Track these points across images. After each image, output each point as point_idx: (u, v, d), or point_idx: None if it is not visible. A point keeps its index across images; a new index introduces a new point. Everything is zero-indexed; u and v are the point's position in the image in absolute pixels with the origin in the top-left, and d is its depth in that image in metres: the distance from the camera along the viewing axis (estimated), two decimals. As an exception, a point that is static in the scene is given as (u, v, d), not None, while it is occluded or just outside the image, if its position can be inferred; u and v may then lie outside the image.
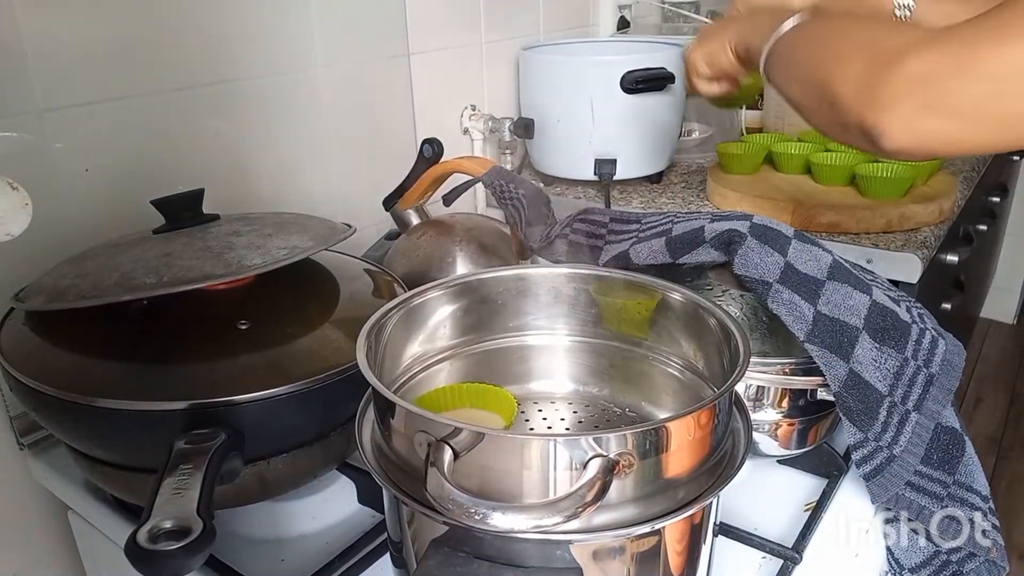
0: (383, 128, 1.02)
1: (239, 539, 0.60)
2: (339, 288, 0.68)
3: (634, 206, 1.11)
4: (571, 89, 1.11)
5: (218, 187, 0.73)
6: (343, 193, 0.97)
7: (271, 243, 0.59)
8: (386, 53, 1.00)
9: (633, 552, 0.40)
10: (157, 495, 0.42)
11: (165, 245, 0.58)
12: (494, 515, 0.35)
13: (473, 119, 1.16)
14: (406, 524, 0.43)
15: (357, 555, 0.56)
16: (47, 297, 0.56)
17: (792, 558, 0.54)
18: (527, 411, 0.56)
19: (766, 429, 0.59)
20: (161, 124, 0.76)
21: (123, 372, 0.56)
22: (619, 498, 0.38)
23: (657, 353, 0.55)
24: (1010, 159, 1.91)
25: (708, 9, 1.53)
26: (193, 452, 0.46)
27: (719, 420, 0.42)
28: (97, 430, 0.52)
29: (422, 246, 0.79)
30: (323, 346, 0.58)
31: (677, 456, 0.39)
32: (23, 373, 0.52)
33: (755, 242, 0.56)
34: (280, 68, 0.86)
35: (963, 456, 0.55)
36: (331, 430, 0.56)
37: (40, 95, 0.67)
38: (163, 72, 0.75)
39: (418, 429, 0.39)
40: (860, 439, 0.54)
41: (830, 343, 0.53)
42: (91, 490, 0.64)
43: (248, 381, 0.51)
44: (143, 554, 0.38)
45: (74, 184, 0.70)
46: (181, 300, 0.53)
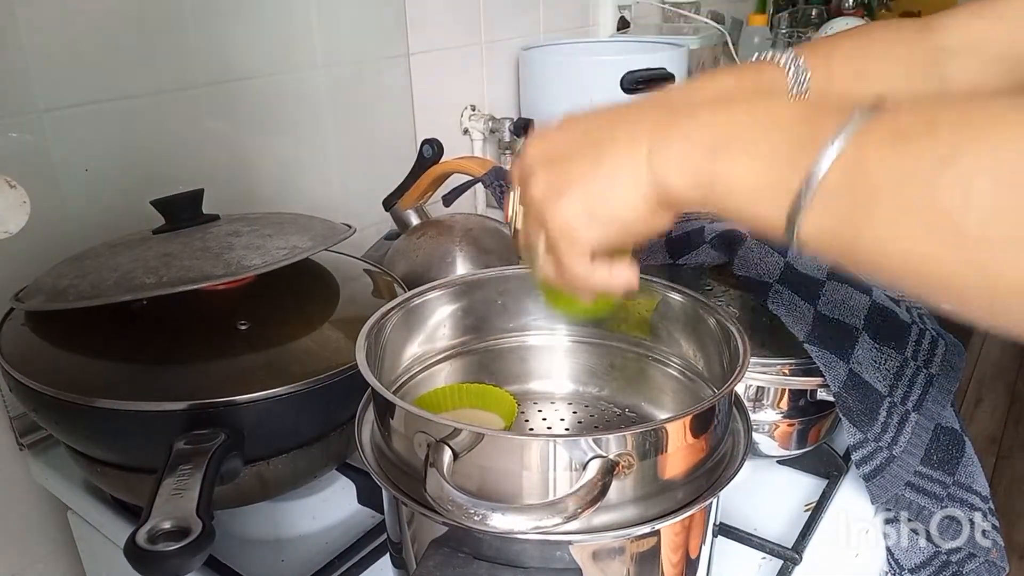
0: (383, 128, 1.02)
1: (239, 539, 0.60)
2: (339, 288, 0.68)
3: (634, 206, 1.11)
4: (571, 89, 1.11)
5: (218, 187, 0.73)
6: (343, 193, 0.97)
7: (271, 243, 0.59)
8: (386, 53, 1.00)
9: (633, 553, 0.40)
10: (156, 495, 0.42)
11: (165, 245, 0.58)
12: (494, 516, 0.35)
13: (473, 119, 1.15)
14: (406, 525, 0.43)
15: (357, 555, 0.56)
16: (47, 297, 0.56)
17: (792, 558, 0.54)
18: (527, 411, 0.56)
19: (766, 429, 0.59)
20: (161, 124, 0.76)
21: (123, 372, 0.56)
22: (619, 499, 0.38)
23: (657, 353, 0.55)
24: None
25: (708, 9, 1.53)
26: (193, 452, 0.46)
27: (719, 421, 0.42)
28: (97, 430, 0.52)
29: (422, 246, 0.79)
30: (323, 346, 0.58)
31: (677, 457, 0.39)
32: (23, 373, 0.52)
33: (755, 242, 0.56)
34: (280, 68, 0.86)
35: (963, 456, 0.55)
36: (331, 430, 0.56)
37: (40, 95, 0.67)
38: (163, 72, 0.75)
39: (418, 430, 0.39)
40: (860, 439, 0.54)
41: (830, 343, 0.53)
42: (91, 490, 0.64)
43: (248, 381, 0.51)
44: (142, 554, 0.38)
45: (74, 184, 0.70)
46: (181, 300, 0.53)
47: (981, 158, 0.23)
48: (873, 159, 0.25)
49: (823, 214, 0.26)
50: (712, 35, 1.38)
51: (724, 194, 0.29)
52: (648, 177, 0.31)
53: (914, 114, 0.25)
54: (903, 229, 0.24)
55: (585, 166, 0.33)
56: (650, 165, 0.31)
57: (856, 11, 1.95)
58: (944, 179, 0.23)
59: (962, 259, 0.23)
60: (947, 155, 0.23)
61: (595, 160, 0.32)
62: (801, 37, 1.81)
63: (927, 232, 0.24)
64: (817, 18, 1.87)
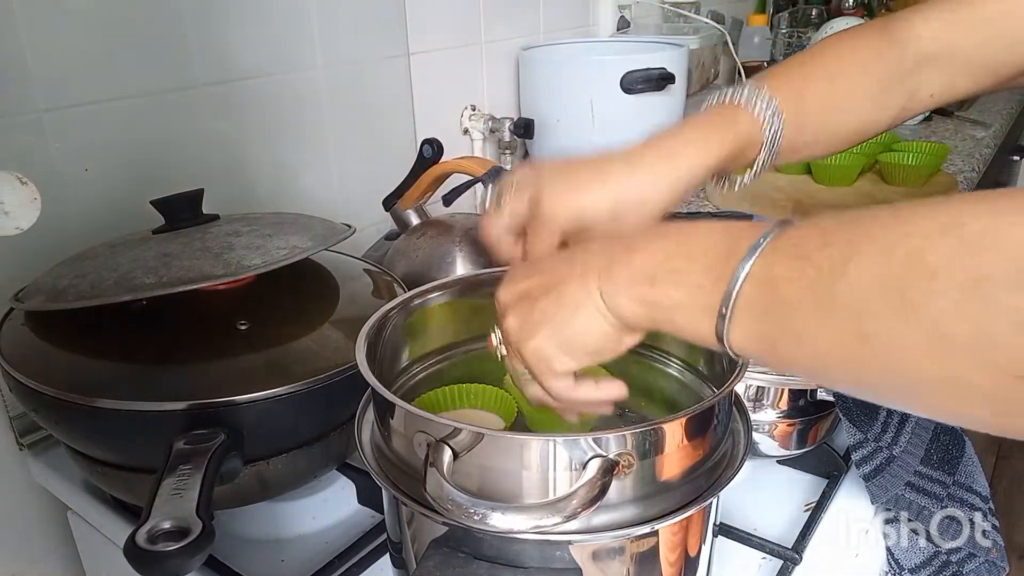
0: (383, 128, 1.02)
1: (239, 539, 0.60)
2: (339, 288, 0.68)
3: (634, 206, 1.11)
4: (571, 89, 1.11)
5: (218, 187, 0.73)
6: (343, 193, 0.97)
7: (271, 243, 0.59)
8: (386, 53, 1.00)
9: (633, 552, 0.40)
10: (156, 495, 0.42)
11: (164, 245, 0.58)
12: (493, 515, 0.35)
13: (473, 119, 1.15)
14: (406, 524, 0.43)
15: (357, 555, 0.56)
16: (46, 297, 0.56)
17: (792, 558, 0.54)
18: (527, 411, 0.56)
19: (766, 429, 0.59)
20: (161, 124, 0.76)
21: (122, 372, 0.56)
22: (619, 498, 0.38)
23: (657, 353, 0.55)
24: (1010, 159, 1.91)
25: (708, 9, 1.53)
26: (193, 452, 0.46)
27: (719, 421, 0.42)
28: (97, 430, 0.52)
29: (422, 246, 0.79)
30: (323, 346, 0.58)
31: (677, 456, 0.39)
32: (23, 373, 0.52)
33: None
34: (280, 68, 0.86)
35: (963, 456, 0.55)
36: (331, 430, 0.56)
37: (40, 95, 0.67)
38: (163, 72, 0.75)
39: (417, 429, 0.39)
40: (860, 439, 0.54)
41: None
42: (91, 490, 0.64)
43: (248, 381, 0.51)
44: (142, 555, 0.38)
45: (74, 184, 0.70)
46: (180, 300, 0.53)
47: (866, 266, 0.25)
48: (779, 274, 0.28)
49: (743, 325, 0.30)
50: (712, 35, 1.38)
51: (668, 317, 0.33)
52: (604, 309, 0.35)
53: (812, 229, 0.28)
54: (810, 331, 0.28)
55: (550, 306, 0.37)
56: (604, 299, 0.35)
57: (856, 11, 1.95)
58: (838, 287, 0.26)
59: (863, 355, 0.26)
60: (838, 266, 0.26)
61: (557, 300, 0.36)
62: (801, 37, 1.81)
63: (831, 333, 0.27)
64: (817, 18, 1.87)
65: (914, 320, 0.24)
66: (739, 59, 1.43)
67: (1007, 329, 0.22)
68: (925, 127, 1.49)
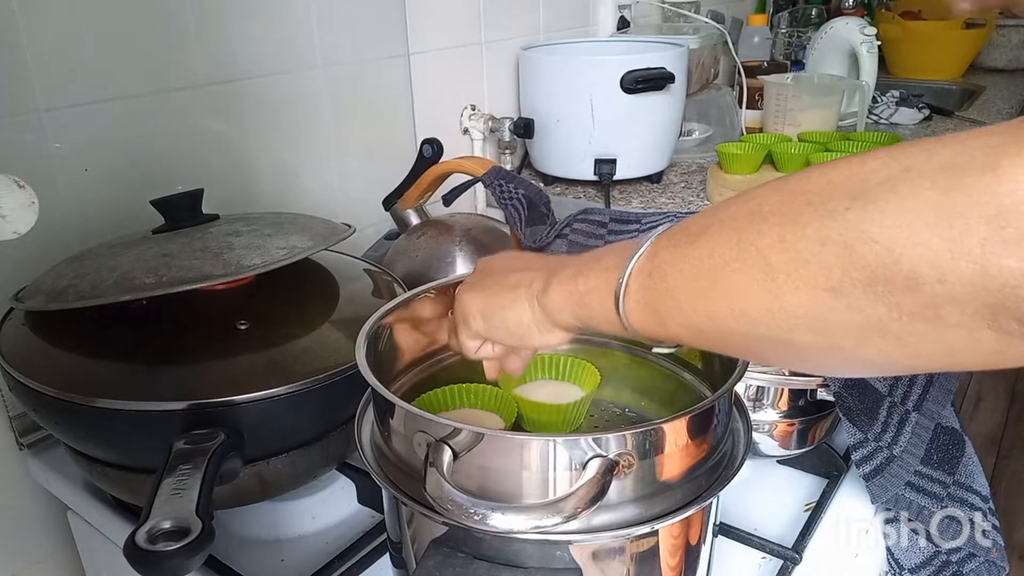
0: (383, 128, 1.02)
1: (239, 539, 0.60)
2: (339, 288, 0.68)
3: (634, 206, 1.11)
4: (571, 89, 1.11)
5: (218, 187, 0.73)
6: (343, 193, 0.97)
7: (271, 243, 0.59)
8: (386, 53, 1.00)
9: (633, 552, 0.40)
10: (156, 495, 0.42)
11: (164, 245, 0.58)
12: (493, 515, 0.35)
13: (473, 119, 1.15)
14: (406, 524, 0.43)
15: (357, 555, 0.56)
16: (46, 297, 0.56)
17: (792, 558, 0.54)
18: (527, 411, 0.56)
19: (766, 429, 0.59)
20: (161, 124, 0.76)
21: (122, 372, 0.56)
22: (619, 498, 0.38)
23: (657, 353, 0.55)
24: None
25: (708, 9, 1.53)
26: (192, 452, 0.46)
27: (719, 420, 0.42)
28: (97, 430, 0.52)
29: (422, 246, 0.79)
30: (323, 346, 0.58)
31: (677, 456, 0.39)
32: (23, 373, 0.52)
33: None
34: (280, 68, 0.86)
35: (963, 456, 0.55)
36: (331, 430, 0.56)
37: (40, 95, 0.67)
38: (163, 72, 0.75)
39: (417, 429, 0.39)
40: (860, 439, 0.54)
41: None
42: (91, 490, 0.64)
43: (247, 381, 0.51)
44: (142, 555, 0.38)
45: (74, 184, 0.70)
46: (180, 300, 0.53)
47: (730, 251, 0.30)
48: (662, 255, 0.33)
49: (635, 299, 0.34)
50: (712, 35, 1.38)
51: (585, 303, 0.37)
52: (535, 303, 0.40)
53: (694, 223, 0.33)
54: (688, 304, 0.32)
55: (495, 285, 0.43)
56: (538, 296, 0.40)
57: (856, 11, 1.95)
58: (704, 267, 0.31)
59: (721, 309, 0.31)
60: (706, 253, 0.31)
61: (502, 282, 0.42)
62: (801, 37, 1.81)
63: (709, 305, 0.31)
64: (817, 18, 1.87)
65: (751, 262, 0.29)
66: (739, 59, 1.43)
67: (814, 246, 0.26)
68: (925, 127, 1.49)
